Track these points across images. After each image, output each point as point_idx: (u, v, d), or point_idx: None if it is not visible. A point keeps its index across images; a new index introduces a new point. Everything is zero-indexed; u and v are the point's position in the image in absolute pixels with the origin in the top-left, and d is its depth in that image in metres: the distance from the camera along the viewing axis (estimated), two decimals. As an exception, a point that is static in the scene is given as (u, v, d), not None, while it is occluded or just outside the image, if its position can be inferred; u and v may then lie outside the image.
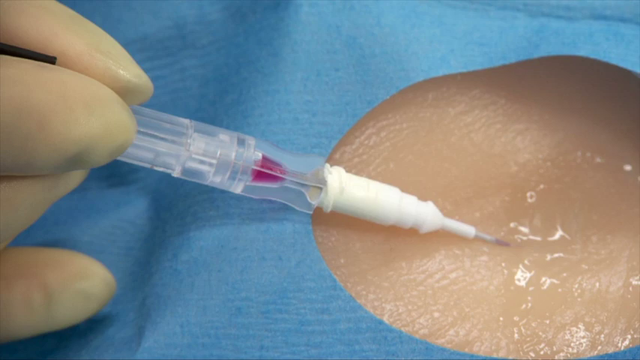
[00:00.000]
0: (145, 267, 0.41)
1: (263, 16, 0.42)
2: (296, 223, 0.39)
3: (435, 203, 0.40)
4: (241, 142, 0.37)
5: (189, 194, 0.40)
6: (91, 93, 0.32)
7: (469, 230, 0.40)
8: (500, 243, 0.40)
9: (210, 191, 0.40)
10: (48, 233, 0.39)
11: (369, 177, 0.40)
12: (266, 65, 0.41)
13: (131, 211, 0.42)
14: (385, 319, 0.39)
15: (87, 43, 0.33)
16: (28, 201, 0.34)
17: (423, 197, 0.40)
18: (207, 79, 0.42)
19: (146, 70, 0.36)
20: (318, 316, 0.38)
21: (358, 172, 0.40)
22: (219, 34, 0.43)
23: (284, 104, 0.40)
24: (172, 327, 0.38)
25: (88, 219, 0.42)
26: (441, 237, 0.40)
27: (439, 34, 0.40)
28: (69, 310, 0.38)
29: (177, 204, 0.41)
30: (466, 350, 0.38)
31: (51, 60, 0.33)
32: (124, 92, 0.34)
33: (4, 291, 0.38)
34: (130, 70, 0.34)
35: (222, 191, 0.39)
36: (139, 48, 0.42)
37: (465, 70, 0.40)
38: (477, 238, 0.40)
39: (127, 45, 0.37)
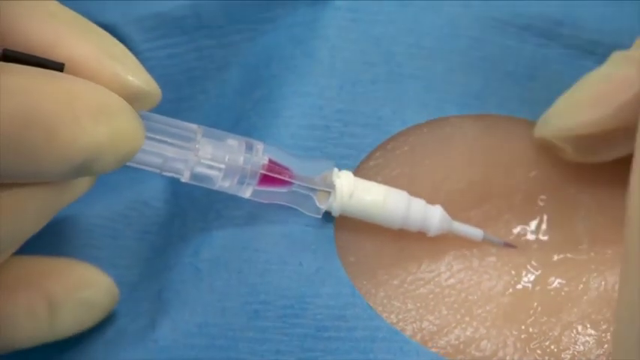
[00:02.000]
0: (161, 255, 0.41)
1: (296, 11, 0.42)
2: (318, 230, 0.40)
3: (444, 206, 0.40)
4: (249, 147, 0.38)
5: (213, 191, 0.40)
6: (99, 101, 0.33)
7: (477, 233, 0.40)
8: (508, 245, 0.41)
9: None
10: (59, 213, 0.38)
11: (384, 180, 0.41)
12: (300, 65, 0.41)
13: (146, 192, 0.42)
14: (394, 316, 0.39)
15: (94, 48, 0.33)
16: (34, 208, 0.34)
17: (432, 201, 0.40)
18: (228, 62, 0.42)
19: (160, 48, 0.37)
20: (335, 322, 0.38)
21: (374, 175, 0.41)
22: (238, 16, 0.42)
23: (317, 109, 0.40)
24: (191, 327, 0.38)
25: (102, 199, 0.42)
26: (450, 238, 0.41)
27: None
28: (72, 320, 0.39)
29: (199, 198, 0.41)
30: (472, 347, 0.39)
31: (59, 66, 0.33)
32: (133, 98, 0.34)
33: (7, 302, 0.38)
34: (138, 77, 0.34)
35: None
36: (152, 25, 0.42)
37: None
38: (485, 241, 0.41)
39: (140, 21, 0.37)
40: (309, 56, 0.41)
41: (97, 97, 0.33)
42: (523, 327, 0.39)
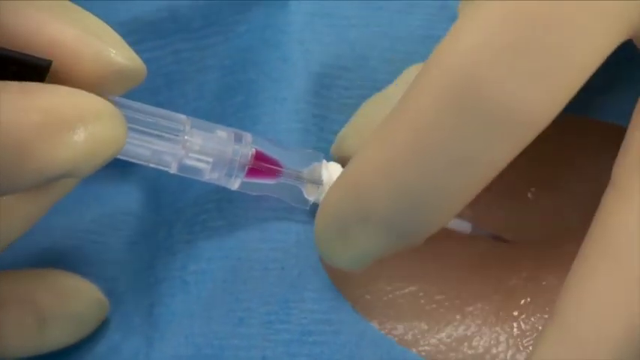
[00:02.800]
0: (149, 267, 0.41)
1: (268, 12, 0.41)
2: (300, 233, 0.39)
3: None
4: (238, 139, 0.37)
5: (198, 201, 0.40)
6: (77, 112, 0.32)
7: (466, 226, 0.39)
8: (497, 238, 0.40)
9: (219, 200, 0.40)
10: (43, 221, 0.38)
11: None
12: (275, 70, 0.40)
13: (132, 202, 0.42)
14: (383, 314, 0.39)
15: (76, 29, 0.33)
16: (19, 213, 0.34)
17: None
18: (206, 65, 0.42)
19: (138, 52, 0.36)
20: (319, 326, 0.38)
21: None
22: (214, 19, 0.42)
23: (293, 113, 0.40)
24: (178, 338, 0.38)
25: (88, 208, 0.42)
26: (438, 233, 0.39)
27: None
28: (62, 333, 0.39)
29: (184, 209, 0.41)
30: (465, 345, 0.39)
31: (46, 63, 0.32)
32: (118, 76, 0.33)
33: None
34: (122, 53, 0.33)
35: (230, 200, 0.39)
36: (129, 30, 0.41)
37: None
38: (473, 234, 0.40)
39: (117, 26, 0.36)
40: (284, 61, 0.40)
41: (75, 107, 0.32)
42: (515, 324, 0.39)
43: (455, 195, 0.34)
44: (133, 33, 0.41)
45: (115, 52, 0.33)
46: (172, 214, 0.41)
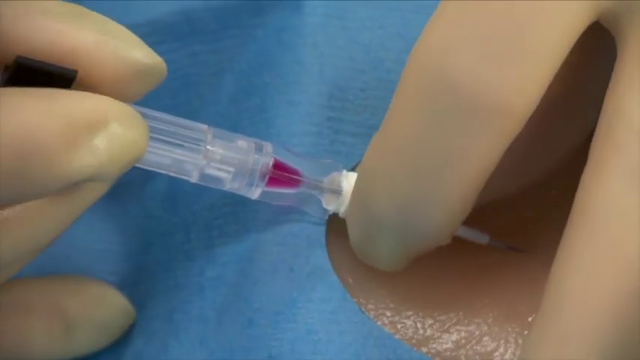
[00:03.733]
0: (166, 270, 0.41)
1: (284, 14, 0.41)
2: (311, 235, 0.39)
3: None
4: (259, 149, 0.38)
5: (215, 205, 0.40)
6: (100, 116, 0.32)
7: (482, 237, 0.40)
8: (513, 249, 0.40)
9: (234, 204, 0.40)
10: (72, 234, 0.40)
11: None
12: (290, 73, 0.40)
13: (148, 202, 0.42)
14: (390, 313, 0.39)
15: (96, 33, 0.33)
16: (51, 217, 0.35)
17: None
18: (222, 68, 0.42)
19: None
20: (326, 325, 0.38)
21: None
22: (230, 21, 0.42)
23: (307, 116, 0.40)
24: (193, 344, 0.39)
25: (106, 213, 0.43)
26: (455, 242, 0.39)
27: None
28: (88, 339, 0.39)
29: (201, 212, 0.41)
30: (474, 343, 0.40)
31: (73, 74, 0.33)
32: (139, 75, 0.34)
33: (24, 320, 0.39)
34: (140, 52, 0.34)
35: (245, 205, 0.40)
36: (147, 32, 0.41)
37: None
38: (490, 245, 0.40)
39: (134, 28, 0.37)
40: (298, 64, 0.41)
41: (98, 111, 0.32)
42: (525, 323, 0.40)
43: (451, 194, 0.34)
44: (149, 35, 0.42)
45: (135, 52, 0.34)
46: (189, 216, 0.41)
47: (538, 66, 0.32)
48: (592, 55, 0.36)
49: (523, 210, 0.41)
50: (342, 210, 0.39)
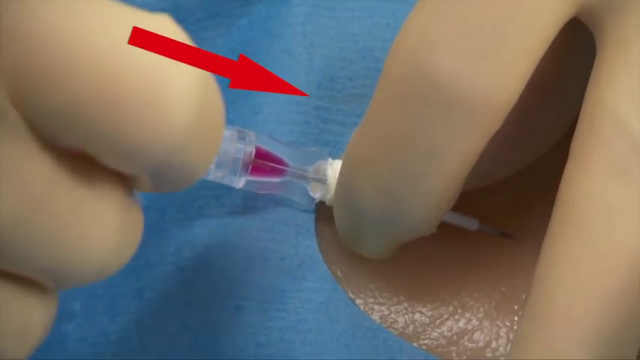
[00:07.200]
0: (140, 249, 0.40)
1: (270, 4, 0.41)
2: (300, 224, 0.39)
3: None
4: (242, 137, 0.37)
5: (193, 187, 0.39)
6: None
7: (472, 222, 0.39)
8: (503, 235, 0.39)
9: (216, 187, 0.40)
10: None
11: None
12: (277, 61, 0.40)
13: None
14: (384, 308, 0.39)
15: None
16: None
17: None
18: None
19: None
20: (316, 315, 0.38)
21: None
22: (215, 10, 0.42)
23: (295, 105, 0.40)
24: (176, 327, 0.38)
25: None
26: (444, 230, 0.39)
27: None
28: None
29: (177, 193, 0.40)
30: (465, 339, 0.39)
31: None
32: None
33: None
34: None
35: (229, 187, 0.39)
36: None
37: None
38: (480, 230, 0.39)
39: None
40: (287, 52, 0.40)
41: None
42: (516, 318, 0.39)
43: (432, 188, 0.34)
44: None
45: None
46: (164, 199, 0.41)
47: (518, 61, 0.32)
48: (572, 44, 0.36)
49: (509, 194, 0.40)
50: (328, 198, 0.39)
